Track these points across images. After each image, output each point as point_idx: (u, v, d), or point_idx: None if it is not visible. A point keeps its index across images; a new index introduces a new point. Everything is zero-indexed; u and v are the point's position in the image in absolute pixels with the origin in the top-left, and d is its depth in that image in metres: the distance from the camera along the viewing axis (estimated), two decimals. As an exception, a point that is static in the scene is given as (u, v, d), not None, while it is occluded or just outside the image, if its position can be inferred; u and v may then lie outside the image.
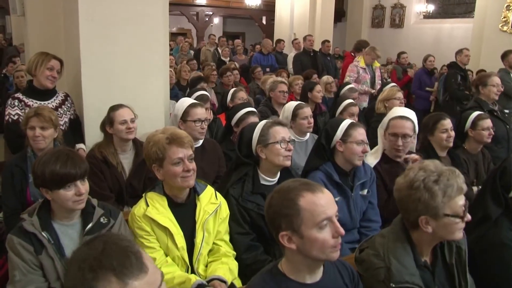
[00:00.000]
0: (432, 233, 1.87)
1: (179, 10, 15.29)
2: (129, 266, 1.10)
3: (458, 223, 1.85)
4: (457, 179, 1.85)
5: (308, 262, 1.61)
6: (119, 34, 3.50)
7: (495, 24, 9.12)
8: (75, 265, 1.11)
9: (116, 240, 1.15)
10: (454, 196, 1.83)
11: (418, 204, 1.86)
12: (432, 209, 1.84)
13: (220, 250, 2.42)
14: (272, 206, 1.61)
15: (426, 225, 1.87)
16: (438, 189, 1.83)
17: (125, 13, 3.50)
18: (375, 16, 16.52)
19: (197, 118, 3.29)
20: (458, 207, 1.84)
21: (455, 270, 2.00)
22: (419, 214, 1.87)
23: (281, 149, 2.53)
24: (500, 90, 4.64)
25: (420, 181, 1.86)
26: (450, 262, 2.00)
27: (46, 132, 2.88)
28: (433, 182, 1.84)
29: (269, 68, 8.79)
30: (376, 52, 6.70)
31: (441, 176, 1.85)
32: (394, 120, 3.17)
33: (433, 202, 1.83)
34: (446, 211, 1.83)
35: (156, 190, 2.37)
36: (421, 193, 1.85)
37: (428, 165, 1.93)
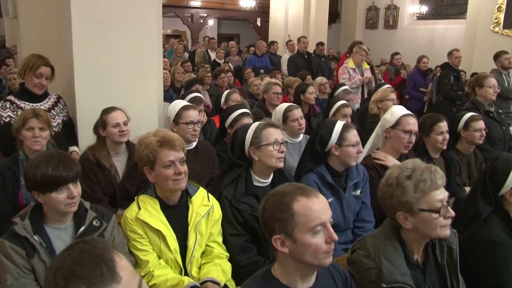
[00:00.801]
0: (413, 229, 1.88)
1: (173, 12, 15.27)
2: (100, 276, 1.10)
3: (438, 219, 1.84)
4: (432, 175, 1.85)
5: (301, 267, 1.61)
6: (112, 36, 3.50)
7: (487, 25, 9.19)
8: (51, 272, 1.12)
9: (91, 248, 1.15)
10: (429, 190, 1.84)
11: (392, 200, 1.88)
12: (405, 204, 1.85)
13: (213, 252, 2.42)
14: (267, 209, 1.61)
15: (404, 221, 1.88)
16: (409, 184, 1.84)
17: (118, 15, 3.49)
18: (369, 17, 16.61)
19: (190, 121, 3.29)
20: (435, 202, 1.83)
21: (447, 270, 2.00)
22: (396, 210, 1.88)
23: (274, 150, 2.54)
24: (496, 91, 4.65)
25: (394, 177, 1.89)
26: (441, 262, 2.01)
27: (44, 133, 2.90)
28: (406, 177, 1.86)
29: (264, 69, 8.80)
30: (363, 48, 6.72)
31: (414, 172, 1.86)
32: (406, 117, 3.19)
33: (404, 197, 1.85)
34: (422, 206, 1.84)
35: (148, 193, 2.37)
36: (394, 189, 1.87)
37: (407, 163, 1.95)
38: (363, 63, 6.86)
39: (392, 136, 3.17)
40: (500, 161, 2.42)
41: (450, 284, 1.99)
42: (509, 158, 2.41)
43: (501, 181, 2.34)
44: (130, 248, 2.31)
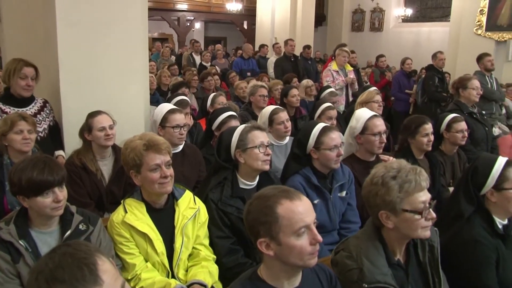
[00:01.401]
0: (395, 229, 1.91)
1: (160, 15, 15.24)
2: (81, 279, 1.10)
3: (419, 220, 1.87)
4: (417, 176, 1.88)
5: (286, 269, 1.63)
6: (98, 39, 3.49)
7: (470, 28, 9.30)
8: (33, 276, 1.12)
9: (74, 251, 1.15)
10: (413, 192, 1.87)
11: (376, 198, 1.91)
12: (389, 204, 1.88)
13: (200, 254, 2.43)
14: (251, 213, 1.63)
15: (386, 220, 1.91)
16: (394, 184, 1.87)
17: (103, 19, 3.49)
18: (355, 20, 16.75)
19: (176, 124, 3.29)
20: (418, 203, 1.87)
21: (428, 268, 2.04)
22: (379, 209, 1.91)
23: (260, 153, 2.56)
24: (479, 93, 4.72)
25: (379, 177, 1.91)
26: (423, 260, 2.04)
27: (32, 135, 2.91)
28: (391, 177, 1.89)
29: (250, 72, 8.83)
30: (345, 50, 6.78)
31: (400, 172, 1.89)
32: (372, 120, 3.23)
33: (388, 196, 1.87)
34: (405, 206, 1.87)
35: (134, 196, 2.38)
36: (379, 188, 1.90)
37: (393, 163, 1.98)
38: (346, 65, 6.91)
39: (364, 142, 3.21)
40: (481, 161, 2.46)
41: (432, 282, 2.02)
42: (490, 159, 2.45)
43: (482, 181, 2.38)
44: (116, 251, 2.31)
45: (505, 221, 2.38)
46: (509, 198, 2.33)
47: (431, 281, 2.03)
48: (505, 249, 2.31)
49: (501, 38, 8.95)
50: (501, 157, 2.44)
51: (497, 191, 2.35)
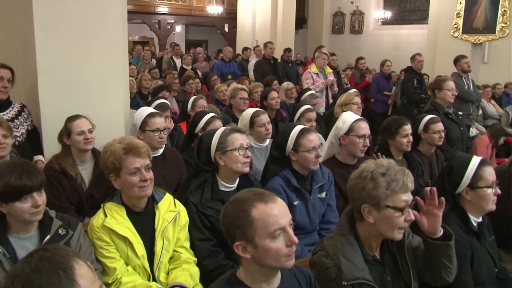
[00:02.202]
0: (373, 225, 1.95)
1: (140, 19, 15.17)
2: (58, 284, 1.11)
3: (399, 218, 1.92)
4: (404, 177, 1.93)
5: (264, 271, 1.65)
6: (77, 42, 3.48)
7: (447, 31, 9.48)
8: (9, 280, 1.13)
9: (51, 256, 1.16)
10: (398, 191, 1.91)
11: (362, 192, 1.95)
12: (374, 199, 1.92)
13: (181, 257, 2.44)
14: (227, 216, 1.65)
15: (368, 214, 1.95)
16: (382, 181, 1.91)
17: (82, 22, 3.47)
18: (336, 22, 16.91)
19: (156, 128, 3.29)
20: (400, 202, 1.92)
21: (397, 255, 2.10)
22: (363, 202, 1.96)
23: (240, 156, 2.57)
24: (454, 94, 4.80)
25: (369, 171, 1.96)
26: (392, 249, 2.10)
27: (7, 140, 2.88)
28: (380, 174, 1.93)
29: (231, 75, 8.84)
30: (324, 52, 6.85)
31: (389, 171, 1.94)
32: (358, 122, 3.27)
33: (375, 192, 1.91)
34: (388, 203, 1.91)
35: (114, 200, 2.37)
36: (367, 182, 1.94)
37: (382, 161, 2.03)
38: (326, 67, 6.97)
39: (347, 143, 3.23)
40: (456, 161, 2.52)
41: (402, 269, 2.08)
42: (465, 158, 2.51)
43: (458, 180, 2.44)
44: (97, 255, 2.30)
45: (479, 219, 2.45)
46: (483, 196, 2.39)
47: (401, 268, 2.08)
48: (479, 246, 2.38)
49: (477, 40, 9.13)
50: (476, 157, 2.51)
51: (472, 190, 2.40)
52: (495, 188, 2.41)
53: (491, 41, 8.96)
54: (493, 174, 2.44)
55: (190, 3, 15.82)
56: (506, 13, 8.70)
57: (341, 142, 3.27)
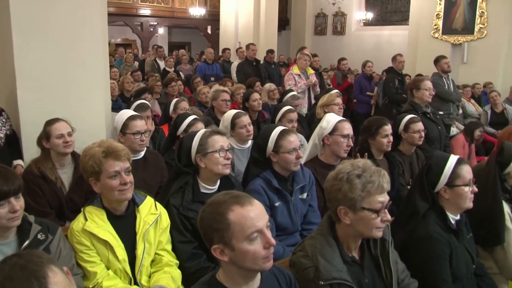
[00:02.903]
0: (350, 226, 1.96)
1: (122, 21, 15.06)
2: None
3: (375, 219, 1.93)
4: (380, 178, 1.94)
5: (243, 273, 1.65)
6: (55, 47, 3.46)
7: (427, 31, 9.61)
8: None
9: (24, 263, 1.15)
10: (374, 192, 1.93)
11: (338, 193, 1.96)
12: (350, 200, 1.93)
13: (163, 260, 2.43)
14: (204, 220, 1.65)
15: (344, 215, 1.96)
16: (358, 183, 1.92)
17: (60, 25, 3.46)
18: (318, 23, 16.99)
19: (137, 131, 3.27)
20: (376, 203, 1.93)
21: (381, 261, 2.11)
22: (339, 204, 1.96)
23: (220, 158, 2.58)
24: (431, 94, 4.88)
25: (345, 173, 1.96)
26: (375, 254, 2.11)
27: None
28: (356, 176, 1.94)
29: (214, 77, 8.83)
30: (306, 53, 6.89)
31: (365, 172, 1.95)
32: (342, 123, 3.30)
33: (351, 193, 1.92)
34: (364, 205, 1.93)
35: (94, 204, 2.36)
36: (342, 184, 1.95)
37: (358, 162, 2.04)
38: (308, 68, 7.01)
39: (331, 142, 3.25)
40: (434, 160, 2.56)
41: (385, 275, 2.09)
42: (443, 157, 2.55)
43: (436, 179, 2.47)
44: (77, 260, 2.29)
45: (457, 216, 2.48)
46: (460, 194, 2.42)
47: (384, 274, 2.10)
48: (457, 243, 2.42)
49: (456, 41, 9.27)
50: (453, 156, 2.54)
51: (450, 188, 2.44)
52: (472, 186, 2.45)
53: (470, 41, 9.11)
54: (470, 172, 2.48)
55: (172, 5, 15.75)
56: (483, 15, 8.85)
57: (325, 142, 3.28)
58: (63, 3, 3.47)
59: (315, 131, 3.46)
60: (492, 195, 2.82)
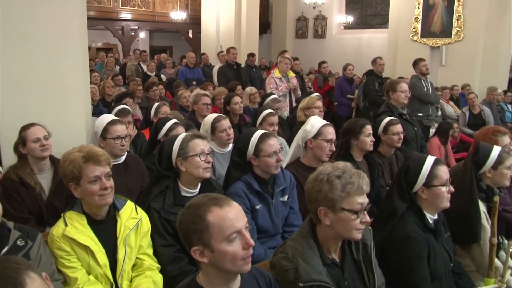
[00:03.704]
0: (330, 227, 1.99)
1: (103, 25, 14.96)
2: None
3: (354, 220, 1.96)
4: (360, 180, 1.98)
5: (223, 275, 1.67)
6: (36, 50, 3.44)
7: (406, 34, 9.73)
8: None
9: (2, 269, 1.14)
10: (353, 194, 1.96)
11: (319, 194, 1.98)
12: (330, 201, 1.95)
13: (144, 264, 2.43)
14: (183, 222, 1.66)
15: (324, 216, 1.98)
16: (338, 183, 1.95)
17: (39, 30, 3.44)
18: (299, 27, 17.10)
19: (117, 135, 3.26)
20: (356, 204, 1.96)
21: (363, 265, 2.13)
22: (319, 205, 1.99)
23: (201, 161, 2.59)
24: (407, 96, 4.96)
25: (325, 174, 1.99)
26: (357, 258, 2.14)
27: None
28: (336, 176, 1.97)
29: (196, 81, 8.82)
30: (286, 57, 6.93)
31: (345, 174, 1.98)
32: (326, 127, 3.33)
33: (331, 194, 1.95)
34: (344, 205, 1.95)
35: (75, 209, 2.35)
36: (323, 185, 1.97)
37: (339, 163, 2.07)
38: (289, 72, 7.04)
39: (314, 146, 3.28)
40: (412, 160, 2.60)
41: (367, 278, 2.12)
42: (420, 158, 2.59)
43: (414, 179, 2.51)
44: (58, 266, 2.27)
45: (435, 216, 2.53)
46: (438, 194, 2.47)
47: (366, 278, 2.12)
48: (435, 243, 2.46)
49: (434, 44, 9.42)
50: (430, 156, 2.59)
51: (427, 188, 2.48)
52: (448, 186, 2.50)
53: (448, 44, 9.25)
54: (447, 172, 2.53)
55: (153, 9, 15.69)
56: (460, 18, 9.01)
57: (308, 145, 3.31)
58: (43, 8, 3.45)
59: (298, 132, 3.48)
60: (469, 195, 2.88)
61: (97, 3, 14.08)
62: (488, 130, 3.75)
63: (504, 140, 3.55)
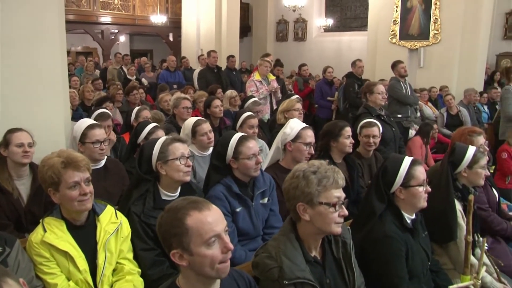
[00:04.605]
0: (310, 221, 2.02)
1: (83, 29, 14.83)
2: None
3: (333, 213, 2.00)
4: (335, 174, 2.03)
5: (202, 278, 1.68)
6: (11, 56, 3.40)
7: (385, 37, 9.82)
8: None
9: None
10: (329, 187, 2.01)
11: (296, 190, 2.03)
12: (307, 195, 2.00)
13: (124, 269, 2.42)
14: (162, 225, 1.67)
15: (303, 212, 2.03)
16: (314, 178, 2.00)
17: (16, 34, 3.40)
18: (279, 30, 17.20)
19: (96, 140, 3.25)
20: (332, 198, 2.01)
21: (343, 263, 2.17)
22: (297, 201, 2.03)
23: (181, 165, 2.60)
24: (384, 97, 5.04)
25: (301, 171, 2.05)
26: (337, 256, 2.17)
27: None
28: (311, 172, 2.02)
29: (177, 85, 8.81)
30: (266, 60, 6.97)
31: (320, 169, 2.03)
32: (305, 130, 3.36)
33: (307, 188, 2.00)
34: (321, 199, 2.00)
35: (54, 215, 2.34)
36: (299, 181, 2.02)
37: (314, 161, 2.12)
38: (269, 74, 7.08)
39: (293, 149, 3.31)
40: (390, 162, 2.65)
41: (347, 276, 2.15)
42: (398, 159, 2.64)
43: (391, 180, 2.56)
44: (37, 272, 2.26)
45: (413, 216, 2.58)
46: (415, 194, 2.52)
47: (346, 276, 2.15)
48: (413, 242, 2.51)
49: (413, 46, 9.53)
50: (407, 157, 2.64)
51: (405, 189, 2.53)
52: (425, 186, 2.55)
53: (425, 46, 9.37)
54: (424, 173, 2.58)
55: (133, 12, 15.61)
56: (437, 21, 9.15)
57: (287, 148, 3.34)
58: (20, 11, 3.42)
59: (278, 135, 3.51)
60: (445, 194, 2.95)
61: (76, 7, 13.95)
62: (464, 131, 3.83)
63: (479, 140, 3.62)
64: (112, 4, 15.00)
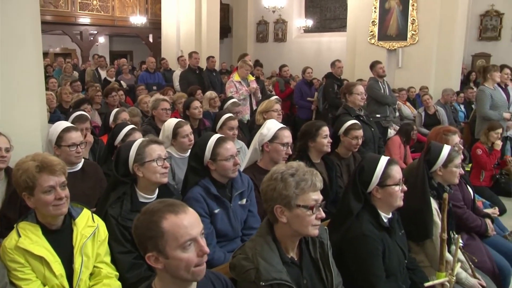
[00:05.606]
0: (287, 224, 2.03)
1: (61, 29, 14.64)
2: None
3: (310, 216, 2.01)
4: (313, 177, 2.04)
5: (177, 281, 1.68)
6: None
7: (364, 38, 9.92)
8: None
9: None
10: (307, 190, 2.02)
11: (274, 192, 2.03)
12: (285, 198, 2.01)
13: (101, 273, 2.40)
14: (138, 228, 1.66)
15: (281, 214, 2.03)
16: (292, 181, 2.01)
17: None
18: (259, 31, 17.24)
19: (72, 143, 3.20)
20: (310, 201, 2.02)
21: (320, 263, 2.18)
22: (275, 203, 2.03)
23: (158, 167, 2.59)
24: (363, 98, 5.09)
25: (279, 173, 2.05)
26: (315, 256, 2.18)
27: None
28: (290, 174, 2.03)
29: (156, 86, 8.76)
30: (247, 63, 6.98)
31: (298, 171, 2.04)
32: (282, 131, 3.36)
33: (285, 191, 2.00)
34: (299, 202, 2.01)
35: (28, 219, 2.30)
36: (277, 183, 2.03)
37: (292, 163, 2.13)
38: (249, 76, 7.08)
39: (271, 150, 3.32)
40: (366, 161, 2.67)
41: (325, 276, 2.17)
42: (374, 158, 2.67)
43: (368, 179, 2.58)
44: (11, 278, 2.22)
45: (389, 215, 2.60)
46: (391, 193, 2.55)
47: (324, 276, 2.17)
48: (390, 240, 2.53)
49: (391, 47, 9.64)
50: (384, 157, 2.67)
51: (381, 188, 2.56)
52: (401, 185, 2.58)
53: (404, 47, 9.49)
54: (400, 172, 2.61)
55: (112, 13, 15.47)
56: (415, 22, 9.27)
57: (265, 149, 3.34)
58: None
59: (255, 136, 3.51)
60: (421, 193, 2.98)
61: (53, 7, 13.76)
62: (439, 130, 3.88)
63: (454, 139, 3.68)
64: (91, 5, 14.83)
